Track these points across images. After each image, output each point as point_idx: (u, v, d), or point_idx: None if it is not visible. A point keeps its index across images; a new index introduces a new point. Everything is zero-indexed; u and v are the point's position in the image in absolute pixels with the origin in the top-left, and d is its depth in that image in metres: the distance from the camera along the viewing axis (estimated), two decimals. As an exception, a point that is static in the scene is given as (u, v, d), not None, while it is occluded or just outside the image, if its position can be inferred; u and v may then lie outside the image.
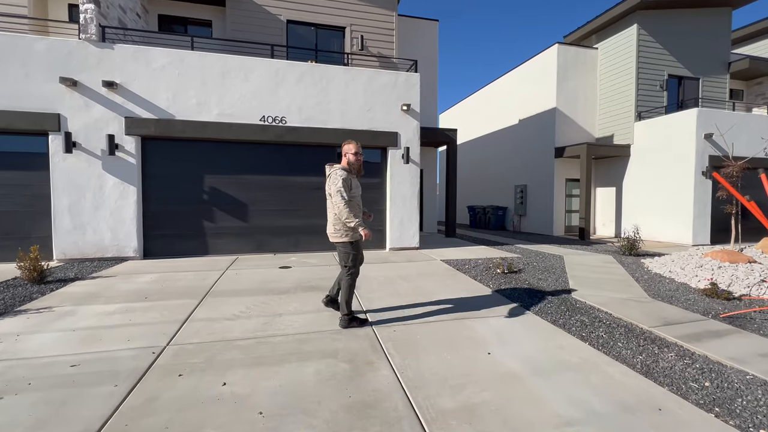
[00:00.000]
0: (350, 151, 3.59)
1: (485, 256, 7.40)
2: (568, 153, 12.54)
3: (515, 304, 4.46)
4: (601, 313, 4.22)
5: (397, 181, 8.02)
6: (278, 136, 7.32)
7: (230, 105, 7.10)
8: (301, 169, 7.65)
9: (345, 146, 3.63)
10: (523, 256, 7.70)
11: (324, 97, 7.57)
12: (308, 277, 5.60)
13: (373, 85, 7.82)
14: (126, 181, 6.69)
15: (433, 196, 12.00)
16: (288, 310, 4.13)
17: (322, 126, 7.55)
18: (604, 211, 13.39)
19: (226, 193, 7.32)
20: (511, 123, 15.57)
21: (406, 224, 8.05)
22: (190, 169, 7.16)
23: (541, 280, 5.65)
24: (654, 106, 12.17)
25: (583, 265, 6.73)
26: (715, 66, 12.85)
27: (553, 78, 13.03)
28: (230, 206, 7.34)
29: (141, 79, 6.72)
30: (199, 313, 3.98)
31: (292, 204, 7.63)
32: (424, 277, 5.66)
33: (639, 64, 11.95)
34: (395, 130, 7.96)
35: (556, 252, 8.31)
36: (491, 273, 5.99)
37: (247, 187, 7.41)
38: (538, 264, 6.82)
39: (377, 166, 8.13)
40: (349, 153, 3.59)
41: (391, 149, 7.97)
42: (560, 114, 13.04)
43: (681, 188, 10.59)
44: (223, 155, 7.29)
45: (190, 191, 7.18)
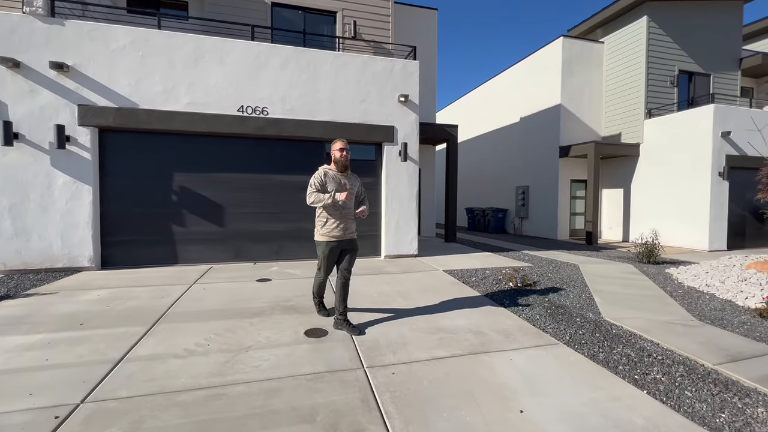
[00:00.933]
0: (335, 147, 3.56)
1: (492, 266, 6.60)
2: (573, 152, 11.83)
3: (539, 329, 3.65)
4: (647, 344, 3.42)
5: (394, 180, 7.18)
6: (259, 129, 6.44)
7: (203, 93, 6.21)
8: (285, 166, 6.77)
9: (332, 143, 3.62)
10: (534, 264, 6.92)
11: (311, 86, 6.71)
12: (289, 293, 4.73)
13: (366, 73, 6.98)
14: (79, 179, 5.76)
15: (431, 197, 11.19)
16: (258, 341, 3.27)
17: (309, 118, 6.68)
18: (610, 214, 12.70)
19: (199, 193, 6.41)
20: (512, 121, 14.84)
21: (404, 229, 7.22)
22: (157, 166, 6.25)
23: (561, 296, 4.85)
24: (664, 103, 11.52)
25: (604, 277, 5.95)
26: (727, 62, 12.25)
27: (558, 73, 12.31)
28: (203, 208, 6.44)
29: (98, 61, 5.80)
30: (142, 348, 3.09)
31: (275, 206, 6.75)
32: (426, 293, 4.83)
33: (649, 59, 11.28)
34: (391, 123, 7.12)
35: (567, 259, 7.54)
36: (503, 287, 5.18)
37: (222, 186, 6.52)
38: (554, 275, 6.03)
39: (371, 164, 7.29)
40: (334, 149, 3.55)
41: (386, 145, 7.13)
42: (565, 111, 12.33)
43: (696, 190, 9.92)
44: (195, 150, 6.39)
45: (157, 191, 6.26)
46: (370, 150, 7.24)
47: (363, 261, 6.86)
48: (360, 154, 7.16)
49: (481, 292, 4.95)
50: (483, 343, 3.30)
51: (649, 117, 11.36)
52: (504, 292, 4.97)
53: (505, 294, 4.87)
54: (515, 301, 4.59)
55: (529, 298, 4.71)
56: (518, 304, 4.45)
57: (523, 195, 14.05)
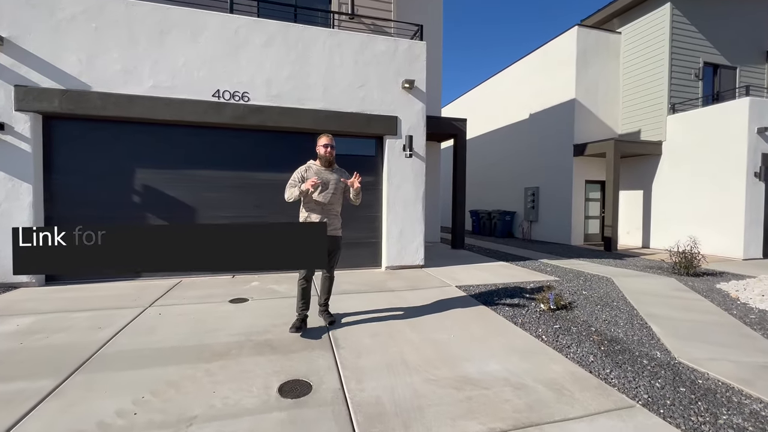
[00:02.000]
0: (320, 142, 3.50)
1: (513, 280, 5.62)
2: (590, 151, 10.89)
3: (601, 380, 2.67)
4: (758, 405, 2.45)
5: (397, 179, 6.20)
6: (238, 117, 5.44)
7: (171, 74, 5.21)
8: (269, 162, 5.78)
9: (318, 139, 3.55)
10: (560, 278, 5.95)
11: (301, 68, 5.73)
12: (267, 319, 3.72)
13: (366, 55, 6.00)
14: (17, 175, 4.75)
15: (436, 199, 10.22)
16: (211, 404, 2.27)
17: (298, 106, 5.69)
18: (628, 218, 11.75)
19: (166, 193, 5.41)
20: (520, 118, 13.90)
21: (408, 236, 6.23)
22: (115, 161, 5.24)
23: (609, 324, 3.88)
24: (688, 98, 10.61)
25: (649, 295, 4.98)
26: (754, 54, 11.38)
27: (572, 65, 11.39)
28: (171, 211, 5.43)
29: (40, 33, 4.79)
30: (33, 423, 2.09)
31: (257, 209, 5.76)
32: (441, 319, 3.84)
33: (672, 49, 10.37)
34: (394, 113, 6.14)
35: (595, 271, 6.58)
36: (534, 311, 4.20)
37: (195, 185, 5.51)
38: (588, 293, 5.06)
39: (371, 160, 6.31)
40: (319, 145, 3.50)
41: (388, 138, 6.15)
42: (579, 107, 11.40)
43: (728, 192, 8.99)
44: (161, 142, 5.38)
45: (115, 191, 5.25)
46: (370, 144, 6.26)
47: (361, 273, 5.88)
48: (358, 148, 6.19)
49: (508, 316, 3.97)
50: (530, 406, 2.32)
51: (673, 112, 10.44)
52: (537, 317, 4.00)
53: (539, 320, 3.89)
54: (554, 331, 3.61)
55: (570, 327, 3.73)
56: (559, 336, 3.47)
57: (533, 197, 13.10)
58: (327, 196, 3.40)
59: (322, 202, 3.37)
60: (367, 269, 6.15)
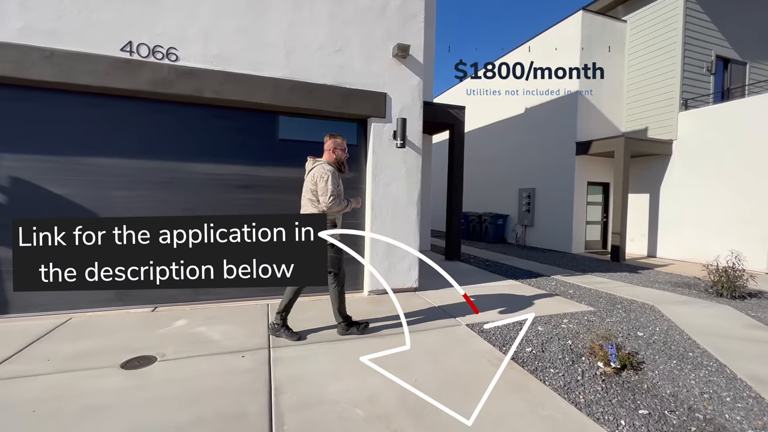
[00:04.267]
0: (339, 146, 3.31)
1: (539, 312, 4.27)
2: (595, 149, 9.80)
3: None
4: None
5: (385, 176, 4.72)
6: (161, 83, 3.80)
7: (53, 14, 3.52)
8: (207, 149, 4.18)
9: (330, 140, 3.32)
10: (592, 304, 4.65)
11: (255, 21, 4.14)
12: (172, 415, 2.16)
13: (346, 9, 4.48)
14: None
15: (428, 200, 8.80)
16: None
17: (250, 72, 4.11)
18: (632, 224, 10.71)
19: (48, 190, 3.70)
20: (515, 113, 12.73)
21: (399, 251, 4.76)
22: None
23: (711, 401, 2.55)
24: (699, 93, 9.69)
25: (724, 338, 3.72)
26: (764, 50, 10.63)
27: (576, 53, 10.26)
28: (60, 216, 3.73)
29: None
30: None
31: (189, 213, 4.14)
32: (455, 401, 2.39)
33: (686, 39, 9.41)
34: (382, 89, 4.67)
35: (628, 294, 5.35)
36: (590, 374, 2.84)
37: (94, 179, 3.83)
38: (645, 334, 3.75)
39: (350, 151, 4.79)
40: (338, 148, 3.30)
41: (374, 121, 4.67)
42: (583, 100, 10.30)
43: (750, 197, 8.06)
44: (41, 116, 3.68)
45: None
46: (349, 129, 4.74)
47: (335, 302, 4.38)
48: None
49: (559, 387, 2.58)
50: None
51: (685, 109, 9.49)
52: (600, 386, 2.63)
53: (607, 395, 2.52)
54: (643, 421, 2.24)
55: (657, 406, 2.38)
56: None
57: (528, 199, 11.94)
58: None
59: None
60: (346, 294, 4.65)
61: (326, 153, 3.29)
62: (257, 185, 4.33)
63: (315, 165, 3.16)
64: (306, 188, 3.15)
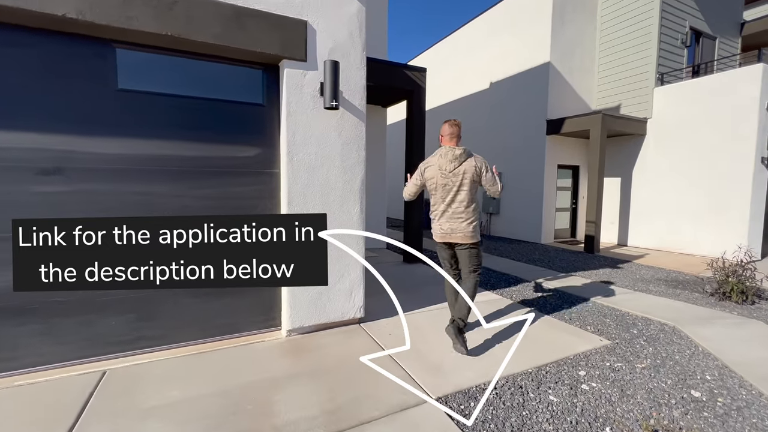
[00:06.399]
0: (456, 132, 2.95)
1: (537, 361, 2.93)
2: (568, 127, 8.78)
3: None
4: None
5: (310, 154, 3.07)
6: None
7: None
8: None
9: (455, 127, 2.95)
10: (600, 330, 3.43)
11: None
12: None
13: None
14: None
15: (381, 186, 7.25)
16: None
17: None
18: (603, 211, 10.03)
19: None
20: (478, 88, 11.47)
21: (334, 267, 3.18)
22: None
23: None
24: (674, 68, 8.95)
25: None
26: (730, 25, 10.13)
27: (548, 20, 9.07)
28: None
29: None
30: None
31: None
32: None
33: (663, 7, 8.53)
34: (301, 15, 2.96)
35: (635, 308, 4.21)
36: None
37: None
38: (700, 394, 2.54)
39: (253, 115, 3.06)
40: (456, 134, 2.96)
41: (290, 67, 2.96)
42: (555, 73, 9.19)
43: (729, 180, 7.42)
44: None
45: None
46: (252, 80, 3.01)
47: (232, 351, 2.73)
48: (223, 88, 2.91)
49: None
50: None
51: (661, 84, 8.69)
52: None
53: None
54: None
55: None
56: None
57: (494, 184, 10.82)
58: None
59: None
60: (248, 337, 3.01)
61: (452, 139, 2.92)
62: (74, 168, 2.51)
63: (465, 158, 2.82)
64: (460, 184, 2.80)
